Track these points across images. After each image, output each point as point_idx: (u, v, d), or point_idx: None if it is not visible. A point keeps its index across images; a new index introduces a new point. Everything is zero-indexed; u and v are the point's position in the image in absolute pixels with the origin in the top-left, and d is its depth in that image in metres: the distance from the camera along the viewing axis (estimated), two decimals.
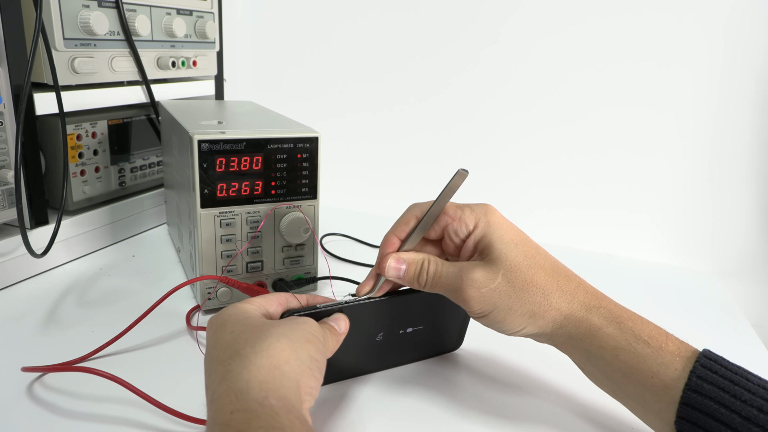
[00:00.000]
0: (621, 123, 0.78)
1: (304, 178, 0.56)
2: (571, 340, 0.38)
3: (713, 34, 0.71)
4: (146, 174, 0.77)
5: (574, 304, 0.38)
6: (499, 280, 0.38)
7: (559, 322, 0.38)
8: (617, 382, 0.37)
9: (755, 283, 0.78)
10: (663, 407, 0.35)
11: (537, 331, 0.39)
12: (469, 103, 0.85)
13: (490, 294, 0.38)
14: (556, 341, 0.40)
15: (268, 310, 0.40)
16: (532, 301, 0.38)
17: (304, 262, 0.60)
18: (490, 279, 0.38)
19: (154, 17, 0.72)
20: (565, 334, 0.39)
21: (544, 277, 0.38)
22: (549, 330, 0.39)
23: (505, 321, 0.38)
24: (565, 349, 0.40)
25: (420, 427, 0.42)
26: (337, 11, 0.89)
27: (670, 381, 0.35)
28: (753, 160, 0.74)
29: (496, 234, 0.39)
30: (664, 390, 0.35)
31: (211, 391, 0.32)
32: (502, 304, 0.38)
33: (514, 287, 0.38)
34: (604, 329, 0.37)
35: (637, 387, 0.36)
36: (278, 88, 0.98)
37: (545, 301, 0.38)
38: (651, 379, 0.35)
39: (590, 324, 0.38)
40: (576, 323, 0.38)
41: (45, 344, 0.50)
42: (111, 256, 0.69)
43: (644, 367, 0.35)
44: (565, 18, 0.77)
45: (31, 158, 0.59)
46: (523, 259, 0.38)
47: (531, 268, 0.38)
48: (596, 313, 0.38)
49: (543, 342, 0.41)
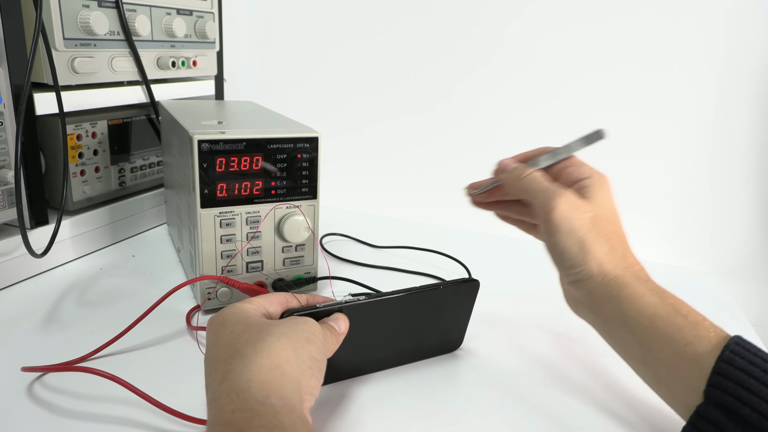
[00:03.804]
0: (621, 123, 0.78)
1: (304, 178, 0.56)
2: (611, 300, 0.40)
3: (712, 36, 0.71)
4: (146, 174, 0.77)
5: (627, 271, 0.41)
6: (589, 215, 0.41)
7: (607, 279, 0.41)
8: (650, 347, 0.39)
9: (755, 283, 0.78)
10: (694, 375, 0.36)
11: (585, 277, 0.41)
12: (470, 106, 0.85)
13: (575, 217, 0.41)
14: (595, 298, 0.41)
15: (268, 310, 0.40)
16: (598, 249, 0.41)
17: (304, 262, 0.60)
18: (583, 209, 0.42)
19: (154, 17, 0.72)
20: (606, 293, 0.41)
21: (616, 239, 0.42)
22: (596, 282, 0.41)
23: (569, 249, 0.41)
24: (601, 309, 0.41)
25: (420, 427, 0.42)
26: (337, 11, 0.89)
27: (703, 351, 0.36)
28: (753, 160, 0.74)
29: (601, 189, 0.43)
30: (696, 358, 0.36)
31: (212, 391, 0.32)
32: (578, 233, 0.41)
33: (594, 228, 0.41)
34: (646, 297, 0.39)
35: (669, 353, 0.37)
36: (278, 88, 0.98)
37: (607, 255, 0.41)
38: (685, 347, 0.37)
39: (634, 289, 0.40)
40: (621, 286, 0.40)
41: (45, 344, 0.50)
42: (111, 256, 0.69)
43: (680, 337, 0.37)
44: (565, 22, 0.77)
45: (31, 158, 0.59)
46: (611, 217, 0.43)
47: (611, 226, 0.42)
48: (642, 283, 0.40)
49: (581, 301, 0.43)
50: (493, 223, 0.88)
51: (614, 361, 0.52)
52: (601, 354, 0.53)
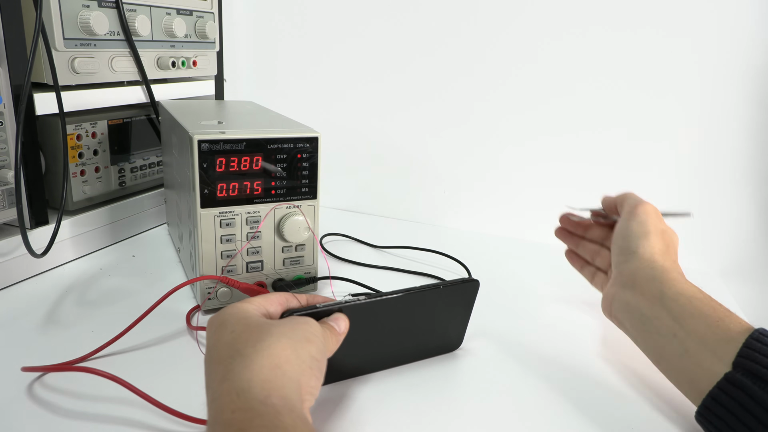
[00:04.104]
0: (621, 124, 0.78)
1: (304, 178, 0.56)
2: (653, 281, 0.46)
3: (711, 36, 0.71)
4: (146, 174, 0.77)
5: (673, 267, 0.47)
6: (661, 226, 0.51)
7: (655, 265, 0.47)
8: (683, 321, 0.42)
9: (755, 283, 0.78)
10: (722, 346, 0.39)
11: (636, 258, 0.48)
12: (468, 105, 0.85)
13: (651, 218, 0.51)
14: (638, 277, 0.47)
15: (268, 310, 0.40)
16: (655, 244, 0.49)
17: (304, 262, 0.60)
18: (661, 219, 0.52)
19: (154, 17, 0.72)
20: (650, 275, 0.46)
21: (672, 250, 0.50)
22: (643, 265, 0.47)
23: (634, 233, 0.50)
24: (641, 288, 0.46)
25: (420, 427, 0.42)
26: (337, 11, 0.89)
27: (734, 328, 0.40)
28: (753, 160, 0.74)
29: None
30: (727, 331, 0.40)
31: (212, 391, 0.32)
32: (647, 226, 0.50)
33: (660, 234, 0.50)
34: (687, 284, 0.45)
35: (702, 325, 0.41)
36: (278, 88, 0.98)
37: (660, 251, 0.48)
38: (717, 322, 0.41)
39: (677, 276, 0.46)
40: (665, 271, 0.46)
41: (45, 344, 0.50)
42: (111, 256, 0.69)
43: (714, 315, 0.41)
44: (565, 23, 0.77)
45: (31, 158, 0.59)
46: (674, 241, 0.51)
47: (672, 243, 0.51)
48: (682, 276, 0.46)
49: (624, 282, 0.48)
50: (493, 223, 0.88)
51: (614, 361, 0.52)
52: (601, 354, 0.53)
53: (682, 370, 0.42)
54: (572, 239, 0.61)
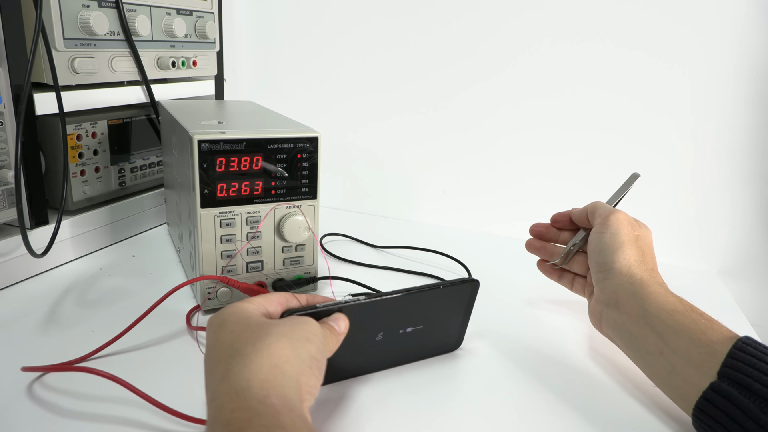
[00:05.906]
0: (621, 124, 0.78)
1: (304, 178, 0.56)
2: (634, 297, 0.46)
3: (710, 36, 0.71)
4: (146, 174, 0.77)
5: (651, 278, 0.47)
6: (634, 233, 0.50)
7: (633, 279, 0.47)
8: (667, 338, 0.42)
9: (755, 283, 0.78)
10: (706, 360, 0.39)
11: (613, 274, 0.48)
12: (468, 105, 0.85)
13: (624, 226, 0.50)
14: (620, 295, 0.47)
15: (268, 310, 0.40)
16: (631, 255, 0.48)
17: (304, 262, 0.60)
18: (634, 225, 0.51)
19: (154, 17, 0.72)
20: (630, 291, 0.46)
21: (648, 258, 0.50)
22: (622, 280, 0.47)
23: (608, 247, 0.49)
24: (624, 306, 0.46)
25: (420, 427, 0.42)
26: (337, 11, 0.89)
27: (717, 340, 0.40)
28: (753, 159, 0.74)
29: (648, 230, 0.53)
30: (710, 345, 0.40)
31: (212, 390, 0.32)
32: (621, 237, 0.49)
33: (635, 242, 0.49)
34: (667, 297, 0.45)
35: (685, 342, 0.41)
36: (278, 88, 0.98)
37: (637, 262, 0.48)
38: (700, 336, 0.41)
39: (656, 290, 0.46)
40: (644, 286, 0.46)
41: (45, 344, 0.50)
42: (111, 256, 0.69)
43: (695, 328, 0.42)
44: (565, 23, 0.77)
45: (31, 158, 0.59)
46: (649, 245, 0.51)
47: (648, 249, 0.50)
48: (663, 288, 0.46)
49: (606, 300, 0.48)
50: (493, 223, 0.88)
51: (614, 361, 0.52)
52: (602, 354, 0.53)
53: (672, 385, 0.42)
54: (544, 250, 0.60)
